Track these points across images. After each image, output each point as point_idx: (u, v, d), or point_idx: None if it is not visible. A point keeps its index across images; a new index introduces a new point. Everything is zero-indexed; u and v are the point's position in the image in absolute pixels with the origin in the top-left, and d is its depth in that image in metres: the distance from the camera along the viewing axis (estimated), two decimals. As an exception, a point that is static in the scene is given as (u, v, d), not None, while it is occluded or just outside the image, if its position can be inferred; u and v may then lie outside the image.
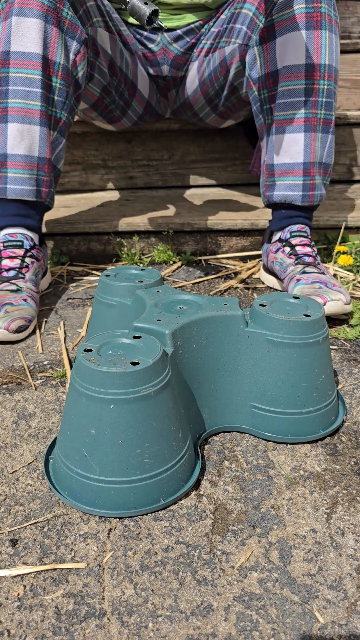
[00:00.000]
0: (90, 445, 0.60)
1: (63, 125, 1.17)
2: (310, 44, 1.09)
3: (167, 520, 0.62)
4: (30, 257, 1.16)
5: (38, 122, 1.11)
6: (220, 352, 0.73)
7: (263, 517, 0.62)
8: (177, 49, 1.32)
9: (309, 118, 1.13)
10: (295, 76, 1.11)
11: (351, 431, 0.77)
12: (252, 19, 1.15)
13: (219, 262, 1.40)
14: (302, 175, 1.16)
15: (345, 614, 0.52)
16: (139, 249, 1.42)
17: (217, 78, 1.30)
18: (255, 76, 1.16)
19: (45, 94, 1.11)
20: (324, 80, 1.11)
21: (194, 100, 1.42)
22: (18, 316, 1.02)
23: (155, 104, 1.47)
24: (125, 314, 0.84)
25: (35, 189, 1.14)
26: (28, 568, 0.56)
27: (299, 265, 1.14)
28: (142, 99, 1.42)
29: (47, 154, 1.14)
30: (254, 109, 1.21)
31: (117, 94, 1.35)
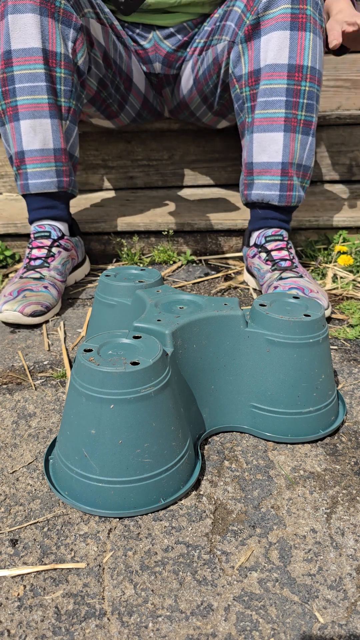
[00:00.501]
0: (90, 445, 0.60)
1: (73, 113, 1.18)
2: (294, 45, 1.09)
3: (167, 520, 0.62)
4: (57, 246, 1.20)
5: (48, 114, 1.13)
6: (220, 352, 0.73)
7: (263, 517, 0.62)
8: (169, 46, 1.33)
9: (289, 118, 1.12)
10: (277, 75, 1.10)
11: (351, 431, 0.77)
12: (240, 16, 1.15)
13: (219, 262, 1.40)
14: (280, 175, 1.16)
15: (345, 614, 0.52)
16: (139, 249, 1.42)
17: (210, 76, 1.30)
18: (239, 74, 1.16)
19: (51, 86, 1.13)
20: (305, 82, 1.11)
21: (190, 99, 1.42)
22: (35, 301, 1.06)
23: (152, 100, 1.47)
24: (125, 314, 0.84)
25: (56, 180, 1.17)
26: (28, 568, 0.56)
27: (275, 271, 1.14)
28: (139, 93, 1.42)
29: (62, 144, 1.17)
30: (235, 107, 1.21)
31: (113, 87, 1.35)
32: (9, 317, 1.04)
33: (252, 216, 1.25)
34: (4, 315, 1.05)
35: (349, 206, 1.52)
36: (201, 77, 1.34)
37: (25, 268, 1.18)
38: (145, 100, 1.45)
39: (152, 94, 1.46)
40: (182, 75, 1.39)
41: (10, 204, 1.59)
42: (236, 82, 1.17)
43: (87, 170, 1.70)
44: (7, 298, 1.07)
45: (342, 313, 1.12)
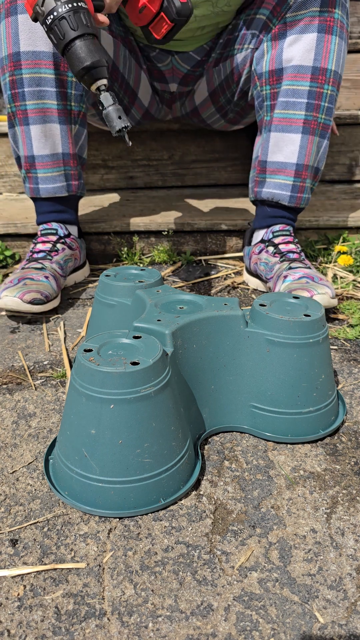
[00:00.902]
0: (90, 445, 0.60)
1: (83, 116, 1.18)
2: (320, 48, 1.09)
3: (167, 520, 0.62)
4: (62, 243, 1.21)
5: (57, 120, 1.13)
6: (220, 352, 0.73)
7: (263, 517, 0.62)
8: (187, 67, 1.31)
9: (309, 120, 1.12)
10: (301, 77, 1.10)
11: (351, 431, 0.77)
12: (265, 23, 1.14)
13: (219, 262, 1.40)
14: (294, 176, 1.16)
15: (345, 614, 0.52)
16: (139, 249, 1.42)
17: (228, 86, 1.30)
18: (260, 71, 1.16)
19: (61, 92, 1.12)
20: (328, 85, 1.11)
21: (203, 109, 1.42)
22: (35, 289, 1.07)
23: (155, 112, 1.46)
24: (125, 314, 0.84)
25: (65, 184, 1.19)
26: (28, 568, 0.56)
27: (284, 262, 1.14)
28: (142, 107, 1.40)
29: (71, 149, 1.17)
30: (255, 104, 1.21)
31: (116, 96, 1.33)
32: (9, 303, 1.04)
33: (258, 214, 1.24)
34: (4, 302, 1.04)
35: (349, 206, 1.52)
36: (218, 88, 1.32)
37: (27, 260, 1.19)
38: (147, 113, 1.44)
39: (157, 107, 1.44)
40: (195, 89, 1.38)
41: (10, 204, 1.59)
42: (257, 79, 1.17)
43: (87, 170, 1.70)
44: (7, 285, 1.07)
45: (342, 313, 1.12)
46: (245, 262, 1.28)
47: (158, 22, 0.95)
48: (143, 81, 1.35)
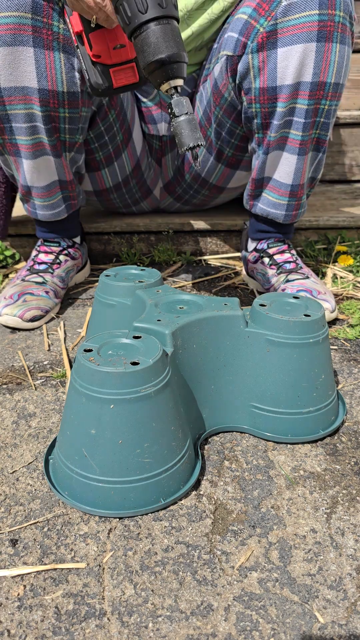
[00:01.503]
0: (90, 445, 0.60)
1: (80, 145, 1.11)
2: (319, 60, 0.94)
3: (167, 520, 0.62)
4: (65, 255, 1.20)
5: (51, 153, 1.05)
6: (220, 352, 0.73)
7: (263, 517, 0.62)
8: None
9: (305, 141, 1.03)
10: (300, 95, 0.97)
11: (351, 431, 0.77)
12: (248, 23, 0.96)
13: (219, 262, 1.40)
14: (288, 196, 1.10)
15: (345, 614, 0.52)
16: (139, 249, 1.42)
17: (212, 112, 1.14)
18: (248, 87, 1.01)
19: (53, 127, 1.02)
20: (326, 101, 0.99)
21: None
22: (35, 306, 1.07)
23: (145, 168, 1.30)
24: (125, 314, 0.84)
25: (64, 207, 1.15)
26: (28, 568, 0.56)
27: (281, 274, 1.12)
28: (134, 153, 1.25)
29: (67, 177, 1.12)
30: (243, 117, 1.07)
31: (109, 134, 1.17)
32: (9, 321, 1.05)
33: (252, 224, 1.20)
34: (4, 319, 1.05)
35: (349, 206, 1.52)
36: (202, 118, 1.17)
37: (29, 271, 1.17)
38: (138, 166, 1.28)
39: (147, 162, 1.30)
40: None
41: (10, 204, 1.58)
42: (244, 94, 1.02)
43: (87, 170, 1.70)
44: (7, 302, 1.07)
45: (342, 313, 1.12)
46: (245, 265, 1.26)
47: (124, 70, 0.82)
48: (137, 122, 1.23)
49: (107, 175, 1.27)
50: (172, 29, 0.64)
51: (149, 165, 1.31)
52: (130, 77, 0.83)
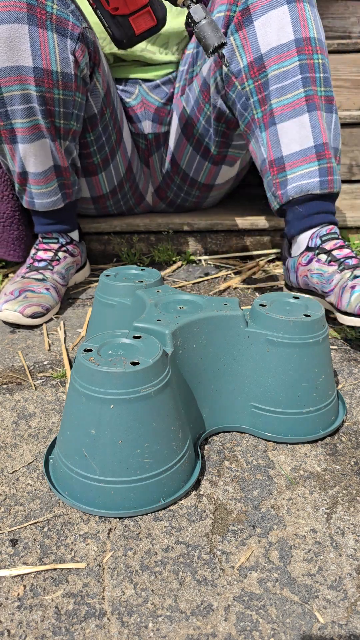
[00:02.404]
0: (90, 445, 0.60)
1: (74, 133, 1.11)
2: (296, 18, 0.97)
3: (167, 520, 0.62)
4: (64, 251, 1.19)
5: (47, 136, 1.05)
6: (220, 352, 0.73)
7: (263, 517, 0.62)
8: (158, 100, 1.24)
9: (310, 96, 0.99)
10: (286, 55, 0.98)
11: (351, 431, 0.77)
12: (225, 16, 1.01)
13: (219, 262, 1.40)
14: (317, 159, 1.00)
15: (345, 614, 0.52)
16: (139, 249, 1.42)
17: (200, 110, 1.17)
18: (237, 68, 1.02)
19: (47, 109, 1.02)
20: (317, 54, 0.99)
21: (180, 154, 1.28)
22: (36, 302, 1.06)
23: (136, 170, 1.32)
24: (125, 314, 0.84)
25: (60, 196, 1.15)
26: (28, 568, 0.56)
27: (345, 270, 0.98)
28: (126, 154, 1.27)
29: (62, 162, 1.11)
30: (237, 108, 1.06)
31: (104, 132, 1.19)
32: (9, 316, 1.04)
33: (291, 219, 1.07)
34: (4, 315, 1.04)
35: (349, 206, 1.52)
36: (190, 117, 1.20)
37: (28, 268, 1.17)
38: (130, 167, 1.30)
39: (137, 163, 1.32)
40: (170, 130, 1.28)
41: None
42: (235, 78, 1.03)
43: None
44: (8, 297, 1.06)
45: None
46: (288, 276, 1.13)
47: (142, 16, 0.87)
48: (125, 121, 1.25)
49: (104, 180, 1.29)
50: None
51: (139, 167, 1.33)
52: (149, 21, 0.88)
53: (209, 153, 1.25)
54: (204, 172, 1.31)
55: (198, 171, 1.30)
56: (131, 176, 1.32)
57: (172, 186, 1.37)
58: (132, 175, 1.31)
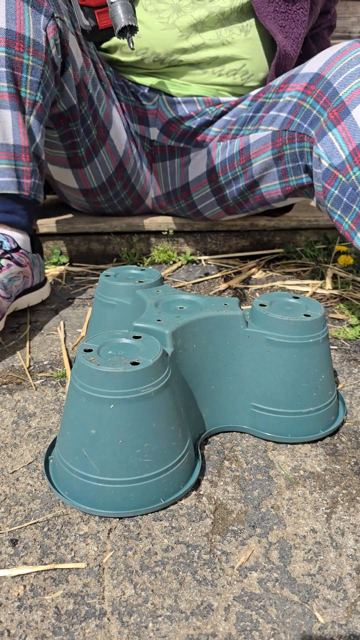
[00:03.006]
0: (90, 445, 0.60)
1: (40, 109, 1.02)
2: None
3: (167, 520, 0.62)
4: (8, 259, 1.01)
5: (8, 105, 0.98)
6: (220, 352, 0.73)
7: (263, 517, 0.62)
8: (172, 114, 1.22)
9: None
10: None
11: (351, 431, 0.77)
12: (297, 104, 1.02)
13: (219, 262, 1.40)
14: None
15: (345, 614, 0.52)
16: (139, 249, 1.42)
17: (232, 167, 1.17)
18: (339, 161, 0.95)
19: (13, 74, 0.97)
20: None
21: (196, 187, 1.27)
22: None
23: (131, 172, 1.28)
24: (125, 314, 0.84)
25: (15, 180, 1.01)
26: (28, 568, 0.56)
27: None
28: (115, 154, 1.23)
29: (22, 142, 1.01)
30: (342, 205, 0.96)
31: (83, 124, 1.16)
32: None
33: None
34: None
35: None
36: (219, 165, 1.20)
37: None
38: (121, 166, 1.26)
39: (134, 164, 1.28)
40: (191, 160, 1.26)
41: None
42: (338, 172, 0.96)
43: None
44: None
45: (342, 313, 1.12)
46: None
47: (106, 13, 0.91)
48: (115, 119, 1.22)
49: (89, 173, 1.26)
50: None
51: (138, 168, 1.30)
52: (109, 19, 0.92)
53: (223, 202, 1.25)
54: (212, 212, 1.31)
55: (207, 209, 1.30)
56: (124, 175, 1.28)
57: (175, 205, 1.36)
58: (126, 174, 1.29)
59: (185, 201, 1.32)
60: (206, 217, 1.34)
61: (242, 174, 1.16)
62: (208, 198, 1.27)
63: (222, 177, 1.20)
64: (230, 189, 1.20)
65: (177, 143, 1.26)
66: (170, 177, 1.31)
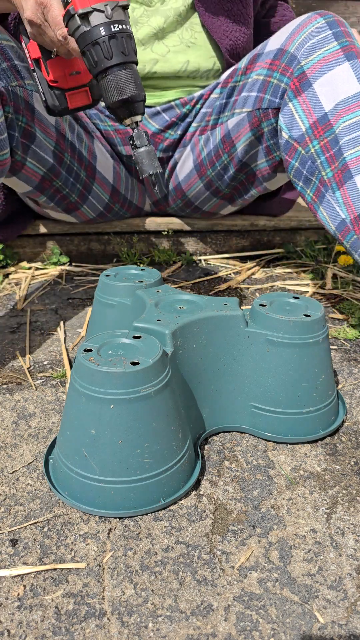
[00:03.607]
0: (90, 445, 0.60)
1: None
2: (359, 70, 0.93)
3: (167, 520, 0.62)
4: None
5: None
6: (220, 352, 0.73)
7: (263, 517, 0.62)
8: (155, 125, 1.21)
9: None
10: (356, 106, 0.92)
11: (351, 431, 0.77)
12: (265, 81, 1.03)
13: (219, 262, 1.40)
14: None
15: (345, 614, 0.52)
16: (139, 249, 1.42)
17: (218, 157, 1.17)
18: (299, 133, 0.97)
19: None
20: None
21: (188, 185, 1.27)
22: None
23: (125, 191, 1.29)
24: (125, 314, 0.84)
25: None
26: (28, 568, 0.56)
27: None
28: (106, 183, 1.24)
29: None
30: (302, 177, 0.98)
31: (70, 174, 1.16)
32: None
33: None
34: None
35: None
36: (205, 159, 1.19)
37: None
38: (115, 191, 1.27)
39: (126, 185, 1.29)
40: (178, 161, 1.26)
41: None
42: (297, 144, 0.98)
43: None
44: None
45: (342, 313, 1.12)
46: None
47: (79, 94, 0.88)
48: (98, 151, 1.21)
49: (87, 210, 1.28)
50: (132, 73, 0.73)
51: (131, 186, 1.30)
52: (85, 100, 0.89)
53: (219, 192, 1.25)
54: (210, 204, 1.31)
55: (204, 202, 1.31)
56: (119, 197, 1.29)
57: (173, 206, 1.36)
58: (121, 196, 1.29)
59: (182, 200, 1.33)
60: (207, 211, 1.34)
61: (230, 161, 1.16)
62: (202, 193, 1.27)
63: (210, 169, 1.20)
64: (222, 179, 1.20)
65: (166, 154, 1.25)
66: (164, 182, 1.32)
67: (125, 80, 0.72)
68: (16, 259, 1.39)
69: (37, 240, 1.39)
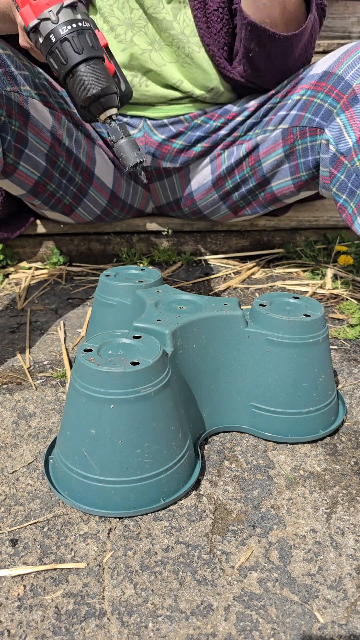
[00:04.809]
0: (90, 445, 0.60)
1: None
2: None
3: (167, 520, 0.62)
4: None
5: None
6: (220, 352, 0.73)
7: (263, 517, 0.62)
8: (161, 137, 1.18)
9: None
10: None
11: (351, 431, 0.77)
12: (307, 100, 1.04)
13: (219, 262, 1.40)
14: None
15: (345, 614, 0.52)
16: (139, 249, 1.42)
17: (240, 170, 1.18)
18: (346, 148, 0.98)
19: None
20: None
21: (200, 195, 1.27)
22: None
23: (125, 196, 1.29)
24: (125, 314, 0.84)
25: None
26: (28, 568, 0.56)
27: None
28: (105, 188, 1.24)
29: None
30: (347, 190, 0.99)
31: (63, 177, 1.16)
32: None
33: None
34: None
35: None
36: (224, 171, 1.19)
37: None
38: (114, 196, 1.27)
39: (127, 190, 1.28)
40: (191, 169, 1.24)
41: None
42: (344, 157, 0.98)
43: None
44: None
45: (342, 313, 1.12)
46: None
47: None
48: (99, 156, 1.20)
49: (83, 213, 1.27)
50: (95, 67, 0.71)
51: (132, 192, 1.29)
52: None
53: (233, 204, 1.26)
54: (219, 215, 1.32)
55: (214, 213, 1.31)
56: (118, 202, 1.29)
57: (177, 212, 1.36)
58: (120, 201, 1.29)
59: (190, 208, 1.32)
60: (211, 219, 1.34)
61: (251, 175, 1.17)
62: (215, 203, 1.27)
63: (229, 181, 1.21)
64: (239, 191, 1.21)
65: (173, 164, 1.22)
66: (170, 190, 1.30)
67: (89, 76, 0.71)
68: (16, 259, 1.39)
69: (37, 240, 1.39)
